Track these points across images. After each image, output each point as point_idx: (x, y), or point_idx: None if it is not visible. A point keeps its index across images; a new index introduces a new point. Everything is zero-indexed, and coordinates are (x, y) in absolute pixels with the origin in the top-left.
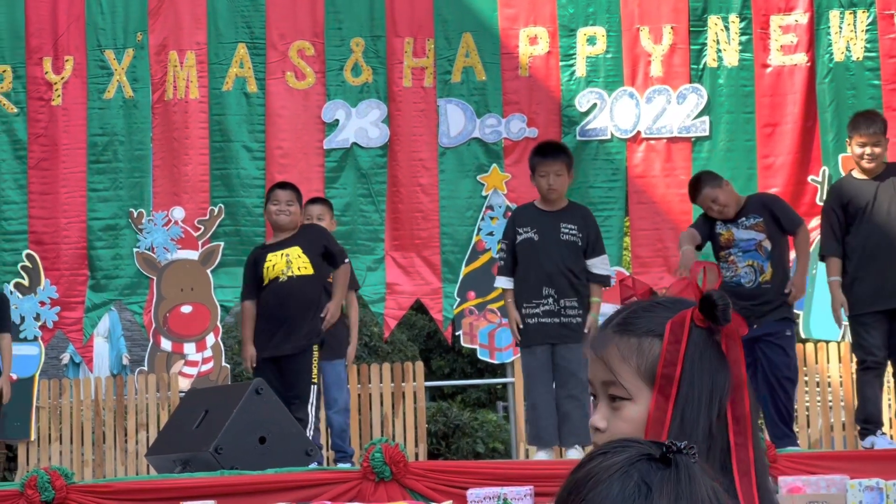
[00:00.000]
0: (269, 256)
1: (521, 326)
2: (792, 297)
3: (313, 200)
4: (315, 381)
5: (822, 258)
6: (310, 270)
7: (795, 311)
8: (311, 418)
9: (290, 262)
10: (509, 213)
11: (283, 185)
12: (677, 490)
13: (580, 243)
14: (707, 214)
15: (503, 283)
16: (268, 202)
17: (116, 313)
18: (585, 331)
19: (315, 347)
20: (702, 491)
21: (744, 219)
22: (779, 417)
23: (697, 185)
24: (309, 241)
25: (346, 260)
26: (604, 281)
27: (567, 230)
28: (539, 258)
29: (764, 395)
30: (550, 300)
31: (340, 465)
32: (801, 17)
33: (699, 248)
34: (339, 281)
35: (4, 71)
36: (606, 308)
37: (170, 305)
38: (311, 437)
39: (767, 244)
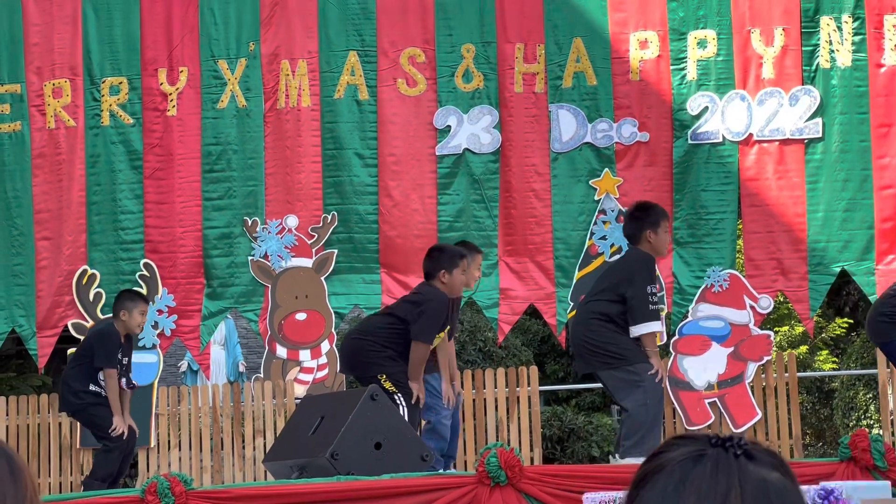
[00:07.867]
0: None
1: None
2: None
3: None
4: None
5: None
6: None
7: None
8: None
9: None
10: (622, 218)
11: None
12: (708, 485)
13: None
14: None
15: (659, 327)
16: (459, 268)
17: (232, 321)
18: None
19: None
20: (735, 482)
21: None
22: None
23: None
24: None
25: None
26: None
27: None
28: None
29: None
30: None
31: (451, 471)
32: None
33: None
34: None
35: (121, 83)
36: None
37: (285, 313)
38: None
39: None
